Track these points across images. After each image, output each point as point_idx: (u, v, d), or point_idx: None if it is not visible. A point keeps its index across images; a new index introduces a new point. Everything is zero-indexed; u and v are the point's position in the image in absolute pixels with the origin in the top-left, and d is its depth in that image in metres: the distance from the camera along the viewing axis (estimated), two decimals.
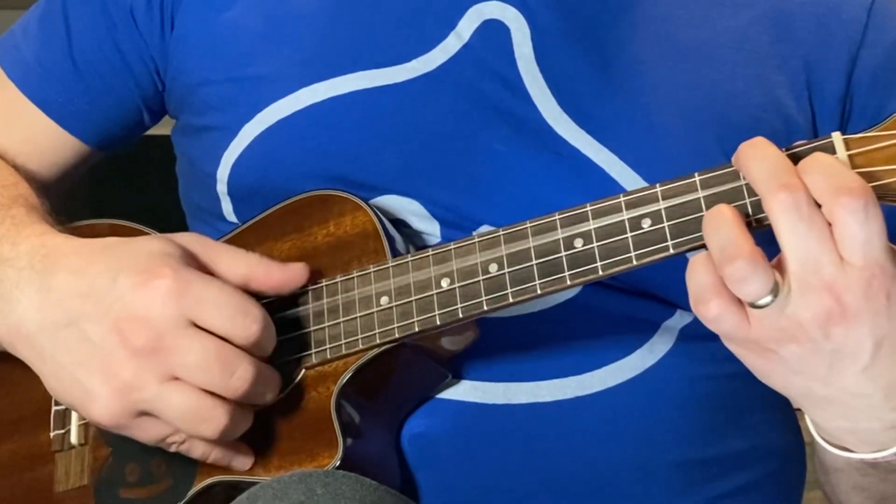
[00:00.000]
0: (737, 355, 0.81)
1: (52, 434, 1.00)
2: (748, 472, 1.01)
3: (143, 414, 0.88)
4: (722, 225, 0.76)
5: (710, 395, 0.98)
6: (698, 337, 0.97)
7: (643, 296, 0.97)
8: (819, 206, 0.74)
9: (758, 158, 0.76)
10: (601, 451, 0.95)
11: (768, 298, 0.75)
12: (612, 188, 0.94)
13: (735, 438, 1.00)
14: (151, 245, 0.90)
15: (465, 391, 0.95)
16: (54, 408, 1.01)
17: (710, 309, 0.77)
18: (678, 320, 0.98)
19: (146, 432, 0.89)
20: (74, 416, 1.00)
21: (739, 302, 0.77)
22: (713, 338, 0.97)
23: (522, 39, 0.99)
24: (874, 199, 0.74)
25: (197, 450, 0.91)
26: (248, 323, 0.87)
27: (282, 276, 0.92)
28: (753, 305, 0.76)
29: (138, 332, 0.86)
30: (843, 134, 0.78)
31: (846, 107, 1.01)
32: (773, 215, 0.75)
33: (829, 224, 0.74)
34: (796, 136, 0.84)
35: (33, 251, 0.93)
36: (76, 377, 0.88)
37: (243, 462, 0.92)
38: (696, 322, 0.93)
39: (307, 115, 0.99)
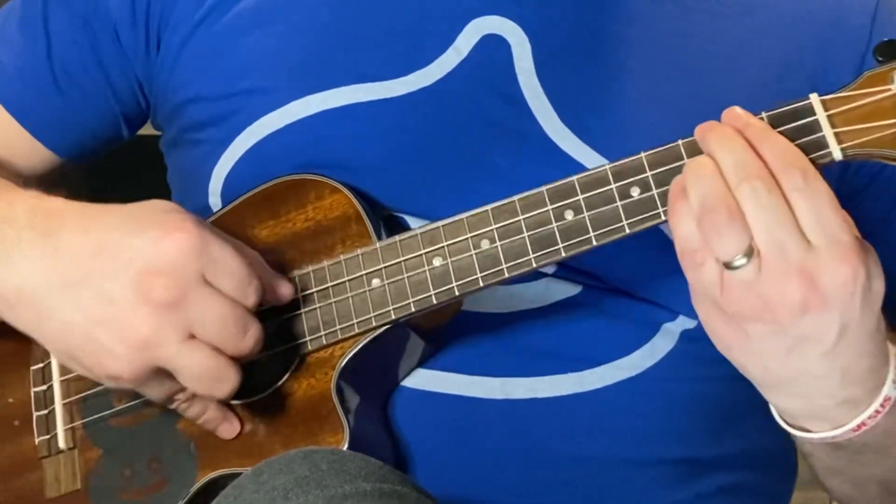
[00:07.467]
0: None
1: (37, 440, 0.99)
2: (739, 472, 1.00)
3: (160, 371, 0.86)
4: (705, 175, 0.77)
5: (707, 397, 0.98)
6: (699, 340, 0.95)
7: (645, 301, 0.96)
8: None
9: (725, 151, 0.78)
10: (596, 447, 0.94)
11: (743, 260, 0.76)
12: None
13: (729, 440, 1.00)
14: (163, 204, 0.89)
15: (462, 386, 0.94)
16: (36, 413, 0.99)
17: (695, 257, 0.77)
18: (680, 324, 0.97)
19: (156, 389, 0.88)
20: (60, 420, 0.98)
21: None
22: None
23: (523, 54, 0.97)
24: (813, 172, 0.76)
25: (194, 410, 0.91)
26: (249, 293, 0.86)
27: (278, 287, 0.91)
28: (728, 266, 0.76)
29: (161, 287, 0.84)
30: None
31: None
32: (741, 204, 0.76)
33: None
34: None
35: (32, 211, 0.91)
36: (91, 335, 0.86)
37: (231, 428, 0.91)
38: (699, 327, 0.92)
39: (298, 128, 0.97)
